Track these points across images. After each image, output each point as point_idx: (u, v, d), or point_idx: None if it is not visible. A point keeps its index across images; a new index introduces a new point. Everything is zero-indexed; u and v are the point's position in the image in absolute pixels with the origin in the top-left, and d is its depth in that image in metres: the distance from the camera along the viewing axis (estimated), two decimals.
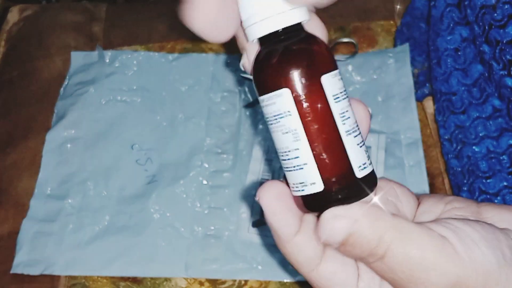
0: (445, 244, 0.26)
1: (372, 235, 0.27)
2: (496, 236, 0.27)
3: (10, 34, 0.65)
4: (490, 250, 0.26)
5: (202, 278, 0.49)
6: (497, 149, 0.44)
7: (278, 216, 0.28)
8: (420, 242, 0.26)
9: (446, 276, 0.26)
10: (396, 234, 0.26)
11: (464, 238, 0.27)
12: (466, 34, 0.46)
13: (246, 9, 0.27)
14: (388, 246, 0.26)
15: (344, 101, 0.27)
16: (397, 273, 0.27)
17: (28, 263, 0.50)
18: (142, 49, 0.62)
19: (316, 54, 0.27)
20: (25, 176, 0.55)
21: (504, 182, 0.44)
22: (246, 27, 0.27)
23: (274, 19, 0.26)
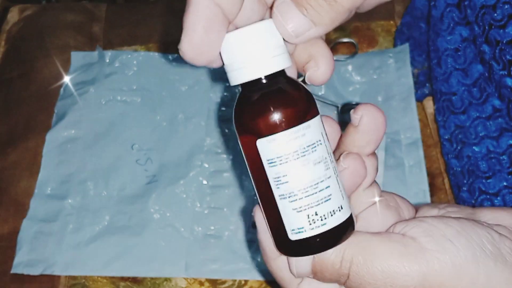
0: (408, 245, 0.27)
1: (334, 256, 0.27)
2: (475, 231, 0.27)
3: (10, 34, 0.65)
4: (465, 244, 0.26)
5: (202, 278, 0.49)
6: (497, 149, 0.44)
7: (267, 235, 0.29)
8: (379, 251, 0.27)
9: (411, 276, 0.26)
10: (355, 250, 0.27)
11: (434, 234, 0.27)
12: (466, 34, 0.46)
13: (228, 54, 0.27)
14: (350, 263, 0.27)
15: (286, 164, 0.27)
16: (366, 286, 0.27)
17: (28, 263, 0.50)
18: (142, 49, 0.62)
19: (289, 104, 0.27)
20: (25, 176, 0.55)
21: (504, 182, 0.44)
22: (228, 72, 0.27)
23: (254, 67, 0.27)
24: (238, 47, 0.27)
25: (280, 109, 0.26)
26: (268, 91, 0.27)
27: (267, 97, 0.27)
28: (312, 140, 0.27)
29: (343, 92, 0.57)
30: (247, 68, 0.27)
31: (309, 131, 0.27)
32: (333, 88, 0.57)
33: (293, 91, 0.27)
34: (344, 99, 0.57)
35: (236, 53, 0.27)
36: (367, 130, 0.29)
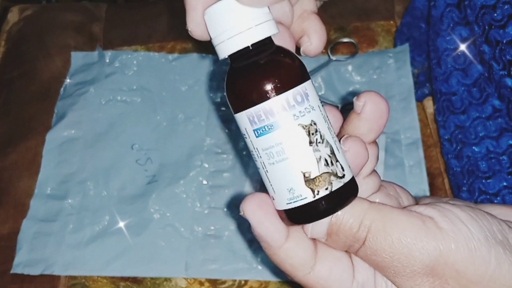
0: (426, 222, 0.27)
1: (352, 220, 0.27)
2: (487, 218, 0.27)
3: (10, 34, 0.65)
4: (478, 229, 0.27)
5: (202, 278, 0.49)
6: (497, 149, 0.44)
7: (265, 224, 0.28)
8: (399, 221, 0.27)
9: (427, 251, 0.26)
10: (375, 216, 0.27)
11: (450, 216, 0.27)
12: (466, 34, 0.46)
13: (213, 27, 0.27)
14: (368, 228, 0.27)
15: None
16: (381, 254, 0.27)
17: (28, 263, 0.50)
18: (142, 49, 0.62)
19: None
20: (25, 176, 0.55)
21: (504, 182, 0.44)
22: (215, 45, 0.27)
23: (242, 36, 0.26)
24: (221, 19, 0.26)
25: (285, 69, 0.26)
26: (257, 59, 0.27)
27: (260, 62, 0.27)
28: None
29: (343, 92, 0.57)
30: (232, 39, 0.26)
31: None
32: (333, 88, 0.57)
33: (285, 54, 0.27)
34: (344, 99, 0.57)
35: (220, 25, 0.26)
36: (370, 118, 0.29)
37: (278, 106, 0.26)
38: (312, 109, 0.27)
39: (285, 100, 0.26)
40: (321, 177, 0.26)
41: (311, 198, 0.26)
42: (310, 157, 0.26)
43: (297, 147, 0.26)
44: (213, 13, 0.26)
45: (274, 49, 0.27)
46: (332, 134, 0.27)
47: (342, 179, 0.27)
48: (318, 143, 0.26)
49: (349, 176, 0.27)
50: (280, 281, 0.49)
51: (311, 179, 0.26)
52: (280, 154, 0.26)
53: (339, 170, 0.27)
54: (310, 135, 0.26)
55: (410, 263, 0.27)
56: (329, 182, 0.27)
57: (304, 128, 0.26)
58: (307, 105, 0.26)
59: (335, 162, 0.27)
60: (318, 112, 0.27)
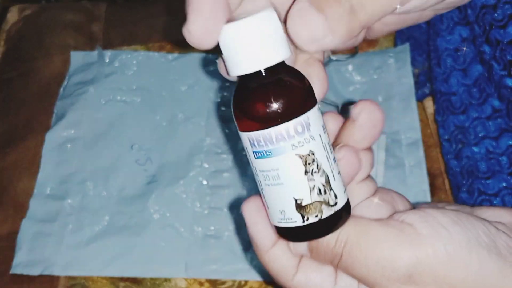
0: (405, 229, 0.27)
1: (329, 236, 0.28)
2: (471, 222, 0.27)
3: (10, 34, 0.65)
4: (460, 232, 0.27)
5: (202, 279, 0.49)
6: (496, 150, 0.44)
7: (258, 227, 0.30)
8: (375, 234, 0.27)
9: (403, 260, 0.26)
10: (351, 231, 0.28)
11: (430, 220, 0.27)
12: (466, 34, 0.46)
13: (226, 46, 0.27)
14: (344, 243, 0.28)
15: None
16: (357, 267, 0.27)
17: (28, 263, 0.50)
18: (142, 49, 0.62)
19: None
20: (24, 176, 0.55)
21: (503, 183, 0.44)
22: (226, 63, 0.27)
23: (254, 59, 0.26)
24: (237, 39, 0.26)
25: (287, 99, 0.26)
26: (264, 83, 0.27)
27: (266, 88, 0.27)
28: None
29: (343, 92, 0.57)
30: (246, 61, 0.26)
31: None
32: (333, 88, 0.57)
33: (293, 82, 0.27)
34: (344, 99, 0.56)
35: (234, 45, 0.26)
36: (365, 126, 0.30)
37: (278, 135, 0.26)
38: (312, 139, 0.27)
39: (285, 130, 0.26)
40: (312, 205, 0.27)
41: (300, 223, 0.28)
42: (304, 186, 0.27)
43: (292, 175, 0.27)
44: (231, 31, 0.26)
45: (283, 74, 0.27)
46: (331, 161, 0.28)
47: (333, 207, 0.28)
48: (313, 172, 0.27)
49: (342, 203, 0.28)
50: None
51: (302, 206, 0.27)
52: (276, 179, 0.27)
53: (332, 198, 0.28)
54: (306, 165, 0.27)
55: (387, 273, 0.27)
56: (320, 210, 0.27)
57: (301, 158, 0.27)
58: (308, 135, 0.27)
59: (328, 191, 0.27)
60: (318, 142, 0.27)
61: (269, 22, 0.26)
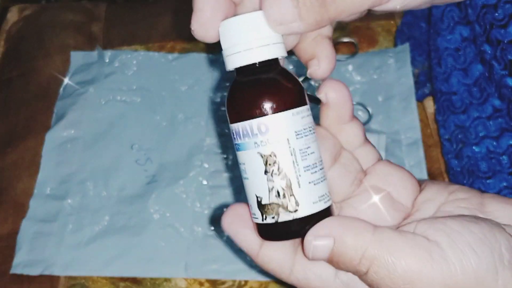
0: (433, 252, 0.26)
1: (353, 253, 0.27)
2: (495, 237, 0.27)
3: (10, 34, 0.65)
4: (487, 253, 0.26)
5: (202, 279, 0.49)
6: (497, 149, 0.44)
7: (239, 236, 0.30)
8: (404, 254, 0.26)
9: (432, 284, 0.26)
10: (378, 250, 0.27)
11: (458, 242, 0.26)
12: (466, 34, 0.46)
13: (226, 39, 0.28)
14: (370, 263, 0.27)
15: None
16: (381, 286, 0.27)
17: (28, 263, 0.50)
18: (141, 49, 0.62)
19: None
20: (24, 176, 0.55)
21: (504, 182, 0.44)
22: (224, 57, 0.29)
23: (249, 53, 0.28)
24: (235, 33, 0.28)
25: (269, 95, 0.27)
26: (260, 77, 0.28)
27: (247, 84, 0.28)
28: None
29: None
30: (241, 54, 0.28)
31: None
32: None
33: (272, 82, 0.28)
34: None
35: (232, 39, 0.28)
36: (335, 105, 0.30)
37: (244, 130, 0.28)
38: (276, 142, 0.27)
39: (249, 126, 0.27)
40: (270, 206, 0.28)
41: (260, 220, 0.28)
42: (263, 185, 0.28)
43: (254, 172, 0.28)
44: (228, 25, 0.28)
45: (267, 73, 0.28)
46: (298, 168, 0.28)
47: (292, 213, 0.28)
48: (273, 174, 0.28)
49: (306, 213, 0.28)
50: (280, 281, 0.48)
51: (262, 204, 0.28)
52: (244, 173, 0.29)
53: (291, 204, 0.28)
54: (267, 165, 0.28)
55: None
56: (277, 212, 0.28)
57: (262, 157, 0.28)
58: (271, 136, 0.27)
59: (288, 196, 0.28)
60: (283, 145, 0.27)
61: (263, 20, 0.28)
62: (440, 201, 0.31)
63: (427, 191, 0.32)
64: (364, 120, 0.55)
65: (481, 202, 0.30)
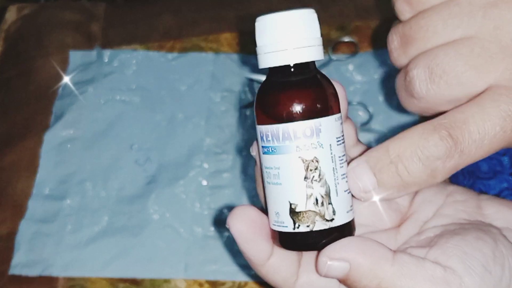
0: (450, 282, 0.26)
1: (367, 282, 0.26)
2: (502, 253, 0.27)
3: (8, 33, 0.64)
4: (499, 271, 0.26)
5: (201, 279, 0.49)
6: None
7: (250, 244, 0.28)
8: (423, 285, 0.26)
9: None
10: (396, 281, 0.26)
11: (473, 266, 0.26)
12: None
13: (261, 37, 0.27)
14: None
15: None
16: None
17: (26, 264, 0.50)
18: (141, 48, 0.62)
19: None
20: (23, 176, 0.55)
21: (505, 183, 0.44)
22: (258, 54, 0.28)
23: (285, 53, 0.27)
24: (272, 31, 0.27)
25: (299, 99, 0.26)
26: (288, 79, 0.27)
27: (291, 85, 0.27)
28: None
29: None
30: (277, 53, 0.27)
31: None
32: None
33: (313, 84, 0.27)
34: None
35: (269, 36, 0.27)
36: None
37: (285, 133, 0.26)
38: (320, 146, 0.27)
39: (292, 129, 0.26)
40: (306, 213, 0.27)
41: (291, 229, 0.27)
42: (301, 191, 0.27)
43: (291, 177, 0.27)
44: (269, 22, 0.27)
45: (307, 75, 0.27)
46: (337, 175, 0.27)
47: (328, 222, 0.27)
48: (314, 180, 0.27)
49: (340, 222, 0.27)
50: None
51: (296, 212, 0.27)
52: (276, 178, 0.27)
53: (329, 213, 0.27)
54: (307, 170, 0.27)
55: None
56: (313, 221, 0.27)
57: (303, 162, 0.27)
58: (315, 141, 0.26)
59: (326, 204, 0.27)
60: (326, 151, 0.27)
61: (306, 20, 0.27)
62: (438, 204, 0.31)
63: (425, 192, 0.32)
64: (365, 120, 0.55)
65: (478, 205, 0.30)
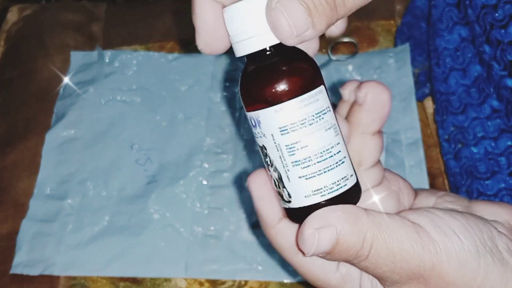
0: (420, 233, 0.27)
1: (355, 238, 0.27)
2: (478, 226, 0.27)
3: (10, 34, 0.65)
4: (469, 239, 0.27)
5: (202, 279, 0.49)
6: (495, 150, 0.44)
7: (264, 201, 0.29)
8: (398, 235, 0.27)
9: (423, 263, 0.27)
10: (376, 232, 0.27)
11: (441, 226, 0.27)
12: (465, 34, 0.46)
13: (233, 26, 0.27)
14: (371, 245, 0.27)
15: None
16: (381, 267, 0.27)
17: (28, 263, 0.50)
18: (141, 49, 0.62)
19: None
20: (24, 176, 0.55)
21: (502, 183, 0.44)
22: (233, 43, 0.28)
23: (259, 38, 0.27)
24: (242, 18, 0.27)
25: (286, 78, 0.27)
26: (273, 61, 0.27)
27: (273, 67, 0.27)
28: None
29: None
30: (252, 39, 0.27)
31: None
32: (334, 88, 0.57)
33: (299, 60, 0.28)
34: None
35: (240, 24, 0.27)
36: (372, 108, 0.29)
37: (249, 120, 0.28)
38: (263, 136, 0.28)
39: (249, 118, 0.28)
40: (276, 191, 0.29)
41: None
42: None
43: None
44: (237, 10, 0.27)
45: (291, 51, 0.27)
46: (286, 163, 0.28)
47: (287, 203, 0.28)
48: (268, 165, 0.28)
49: (299, 205, 0.28)
50: (280, 281, 0.48)
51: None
52: None
53: (285, 195, 0.28)
54: (262, 156, 0.28)
55: (407, 274, 0.27)
56: (279, 199, 0.29)
57: (259, 148, 0.28)
58: (259, 131, 0.28)
59: (281, 187, 0.28)
60: (269, 140, 0.28)
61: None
62: (430, 204, 0.32)
63: (419, 197, 0.33)
64: None
65: (468, 205, 0.31)
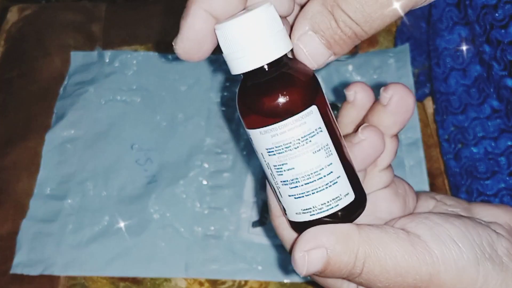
0: (416, 244, 0.27)
1: (347, 257, 0.27)
2: (477, 231, 0.27)
3: (10, 34, 0.65)
4: (468, 246, 0.27)
5: (202, 279, 0.49)
6: (495, 150, 0.44)
7: (271, 194, 0.30)
8: (391, 250, 0.27)
9: (420, 275, 0.26)
10: (368, 249, 0.27)
11: (440, 234, 0.27)
12: (465, 34, 0.46)
13: (227, 44, 0.26)
14: (363, 262, 0.27)
15: None
16: (376, 283, 0.27)
17: (28, 263, 0.50)
18: (141, 49, 0.62)
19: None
20: (24, 176, 0.55)
21: (502, 183, 0.44)
22: (228, 61, 0.27)
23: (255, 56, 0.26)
24: (237, 36, 0.26)
25: (270, 102, 0.26)
26: (263, 80, 0.27)
27: (260, 89, 0.27)
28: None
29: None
30: (247, 57, 0.26)
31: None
32: (333, 88, 0.57)
33: (292, 81, 0.27)
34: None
35: (235, 43, 0.26)
36: (396, 111, 0.29)
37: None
38: (257, 152, 0.28)
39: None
40: None
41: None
42: None
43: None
44: (231, 28, 0.26)
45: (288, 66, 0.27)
46: (276, 181, 0.28)
47: (285, 214, 0.29)
48: (268, 179, 0.29)
49: (293, 219, 0.29)
50: (280, 281, 0.48)
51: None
52: None
53: (282, 207, 0.29)
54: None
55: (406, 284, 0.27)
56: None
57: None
58: (253, 146, 0.28)
59: (279, 200, 0.29)
60: (261, 159, 0.28)
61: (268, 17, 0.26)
62: (430, 207, 0.32)
63: (419, 200, 0.33)
64: None
65: (468, 207, 0.31)
